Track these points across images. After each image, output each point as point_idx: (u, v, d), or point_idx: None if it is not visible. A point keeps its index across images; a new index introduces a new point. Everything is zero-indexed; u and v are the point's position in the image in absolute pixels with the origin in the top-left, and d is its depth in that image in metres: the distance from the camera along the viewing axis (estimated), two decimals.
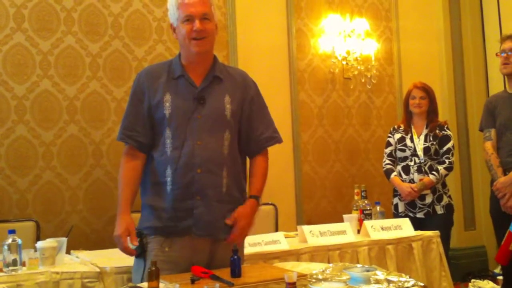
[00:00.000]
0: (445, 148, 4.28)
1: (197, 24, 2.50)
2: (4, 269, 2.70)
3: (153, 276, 2.19)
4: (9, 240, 2.71)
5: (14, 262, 2.70)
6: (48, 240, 2.97)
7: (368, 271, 2.28)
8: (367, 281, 2.20)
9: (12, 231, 2.74)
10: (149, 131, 2.57)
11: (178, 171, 2.49)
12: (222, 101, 2.58)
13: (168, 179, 2.50)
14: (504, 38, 4.01)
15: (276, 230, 4.43)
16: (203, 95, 2.55)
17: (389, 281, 2.22)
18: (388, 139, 4.47)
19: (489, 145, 4.01)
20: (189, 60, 2.60)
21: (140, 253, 2.51)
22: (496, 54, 4.07)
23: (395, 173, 4.33)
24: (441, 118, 4.55)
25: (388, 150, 4.44)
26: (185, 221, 2.49)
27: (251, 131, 2.67)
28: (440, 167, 4.22)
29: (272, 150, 2.81)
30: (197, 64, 2.60)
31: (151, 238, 2.52)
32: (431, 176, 4.19)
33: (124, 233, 2.47)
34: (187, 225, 2.49)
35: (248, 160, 2.74)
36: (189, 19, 2.51)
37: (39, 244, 2.89)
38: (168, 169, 2.50)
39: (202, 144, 2.50)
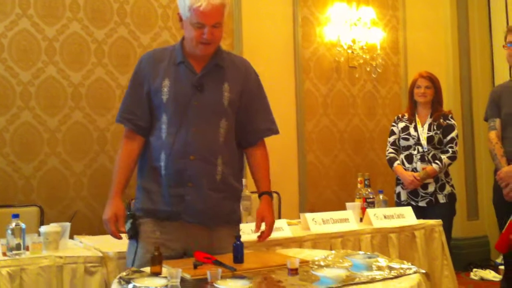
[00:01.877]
0: (449, 137, 4.27)
1: (207, 33, 2.47)
2: (8, 253, 2.72)
3: (156, 260, 2.20)
4: (13, 225, 2.72)
5: (18, 246, 2.71)
6: (52, 224, 2.99)
7: (370, 258, 2.29)
8: (369, 267, 2.21)
9: (16, 216, 2.75)
10: (147, 115, 2.58)
11: (171, 157, 2.50)
12: (220, 88, 2.57)
13: (162, 163, 2.52)
14: (510, 30, 3.98)
15: (279, 218, 4.43)
16: (202, 82, 2.55)
17: (390, 268, 2.22)
18: (392, 128, 4.47)
19: (493, 135, 4.00)
20: (192, 49, 2.58)
21: (132, 235, 2.54)
22: (503, 46, 4.04)
23: (398, 161, 4.33)
24: (446, 107, 4.53)
25: (391, 139, 4.43)
26: (176, 207, 2.51)
27: (249, 122, 2.66)
28: (444, 156, 4.21)
29: (276, 138, 2.82)
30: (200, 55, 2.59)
31: (144, 220, 2.55)
32: (434, 165, 4.18)
33: (112, 218, 2.51)
34: (177, 211, 2.51)
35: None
36: (200, 26, 2.47)
37: (43, 228, 2.91)
38: (162, 154, 2.52)
39: (197, 131, 2.51)
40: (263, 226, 2.63)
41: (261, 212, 2.64)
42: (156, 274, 2.17)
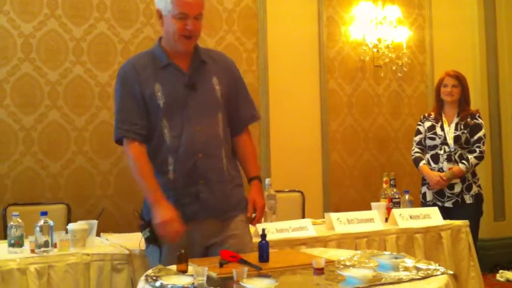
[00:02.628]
0: (476, 137, 4.21)
1: (190, 24, 2.48)
2: (36, 250, 2.75)
3: (182, 259, 2.22)
4: (41, 222, 2.75)
5: (46, 244, 2.74)
6: (79, 222, 3.02)
7: (396, 258, 2.27)
8: (396, 268, 2.19)
9: (44, 213, 2.79)
10: (146, 122, 2.55)
11: (180, 159, 2.52)
12: (211, 83, 2.60)
13: (170, 167, 2.53)
14: None
15: (303, 217, 4.42)
16: (194, 81, 2.57)
17: (418, 269, 2.20)
18: (418, 127, 4.42)
19: None
20: (173, 49, 2.59)
21: (152, 242, 2.52)
22: None
23: (424, 161, 4.29)
24: (473, 107, 4.47)
25: (417, 138, 4.39)
26: (191, 206, 2.53)
27: (235, 111, 2.70)
28: (471, 156, 4.16)
29: (300, 137, 2.84)
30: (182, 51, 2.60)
31: None
32: (460, 165, 4.14)
33: (173, 217, 2.45)
34: (193, 210, 2.53)
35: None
36: (182, 16, 2.48)
37: (70, 226, 2.94)
38: (170, 158, 2.53)
39: (200, 129, 2.53)
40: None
41: (252, 196, 2.67)
42: (183, 272, 2.18)
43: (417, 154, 4.34)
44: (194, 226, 2.53)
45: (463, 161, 4.14)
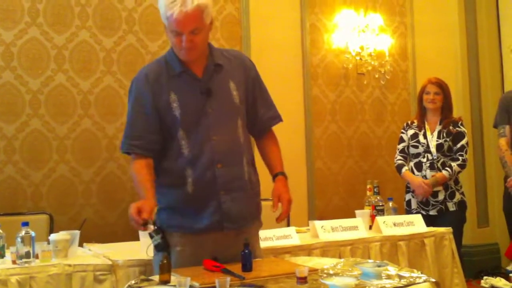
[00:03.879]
0: (459, 145, 4.24)
1: (185, 40, 2.36)
2: (17, 261, 2.72)
3: (165, 269, 2.20)
4: (23, 233, 2.73)
5: (27, 254, 2.72)
6: (61, 232, 2.99)
7: (379, 266, 2.27)
8: (379, 276, 2.19)
9: (25, 224, 2.76)
10: (158, 136, 2.46)
11: (198, 171, 2.43)
12: (228, 89, 2.50)
13: (189, 179, 2.43)
14: None
15: (288, 225, 4.42)
16: (209, 87, 2.46)
17: (400, 277, 2.21)
18: (401, 135, 4.45)
19: (503, 142, 3.98)
20: (179, 55, 2.48)
21: (162, 249, 2.43)
22: None
23: (406, 167, 4.31)
24: (455, 114, 4.51)
25: (400, 146, 4.41)
26: (213, 218, 2.45)
27: (255, 113, 2.61)
28: (454, 164, 4.19)
29: (284, 144, 2.82)
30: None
31: (175, 233, 2.45)
32: (444, 172, 4.16)
33: (135, 209, 2.28)
34: (215, 221, 2.45)
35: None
36: (177, 34, 2.37)
37: (52, 236, 2.91)
38: (188, 170, 2.43)
39: (218, 138, 2.44)
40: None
41: (277, 190, 2.56)
42: (165, 282, 2.16)
43: (400, 161, 4.37)
44: (212, 237, 2.46)
45: (446, 168, 4.17)
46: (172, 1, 2.32)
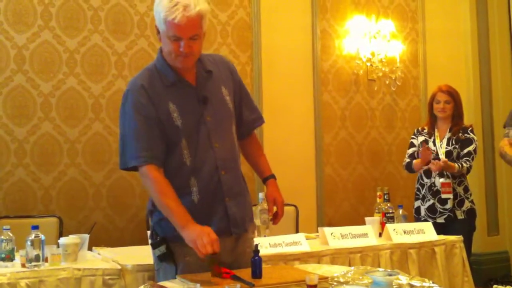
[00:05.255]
0: (465, 151, 4.21)
1: (184, 46, 2.33)
2: (27, 265, 2.73)
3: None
4: (32, 236, 2.73)
5: (37, 258, 2.72)
6: (71, 236, 3.00)
7: (390, 275, 2.26)
8: (390, 285, 2.18)
9: (35, 227, 2.77)
10: (163, 145, 2.40)
11: (203, 179, 2.42)
12: (221, 95, 2.51)
13: (194, 189, 2.42)
14: None
15: (297, 232, 4.41)
16: (205, 95, 2.46)
17: (411, 286, 2.19)
18: (412, 140, 4.42)
19: (505, 141, 3.93)
20: (172, 63, 2.45)
21: (166, 259, 2.42)
22: None
23: (415, 161, 4.28)
24: (466, 121, 4.48)
25: (410, 151, 4.38)
26: (220, 225, 2.43)
27: (240, 115, 2.62)
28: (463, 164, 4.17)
29: (294, 150, 2.82)
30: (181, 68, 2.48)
31: (182, 243, 2.37)
32: (456, 164, 4.13)
33: (208, 229, 2.28)
34: (223, 227, 2.44)
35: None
36: (176, 39, 2.34)
37: (62, 240, 2.92)
38: (192, 179, 2.42)
39: (219, 145, 2.45)
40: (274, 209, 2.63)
41: (271, 194, 2.62)
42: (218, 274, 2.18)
43: (408, 160, 4.34)
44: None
45: (457, 163, 4.14)
46: (174, 6, 2.31)
